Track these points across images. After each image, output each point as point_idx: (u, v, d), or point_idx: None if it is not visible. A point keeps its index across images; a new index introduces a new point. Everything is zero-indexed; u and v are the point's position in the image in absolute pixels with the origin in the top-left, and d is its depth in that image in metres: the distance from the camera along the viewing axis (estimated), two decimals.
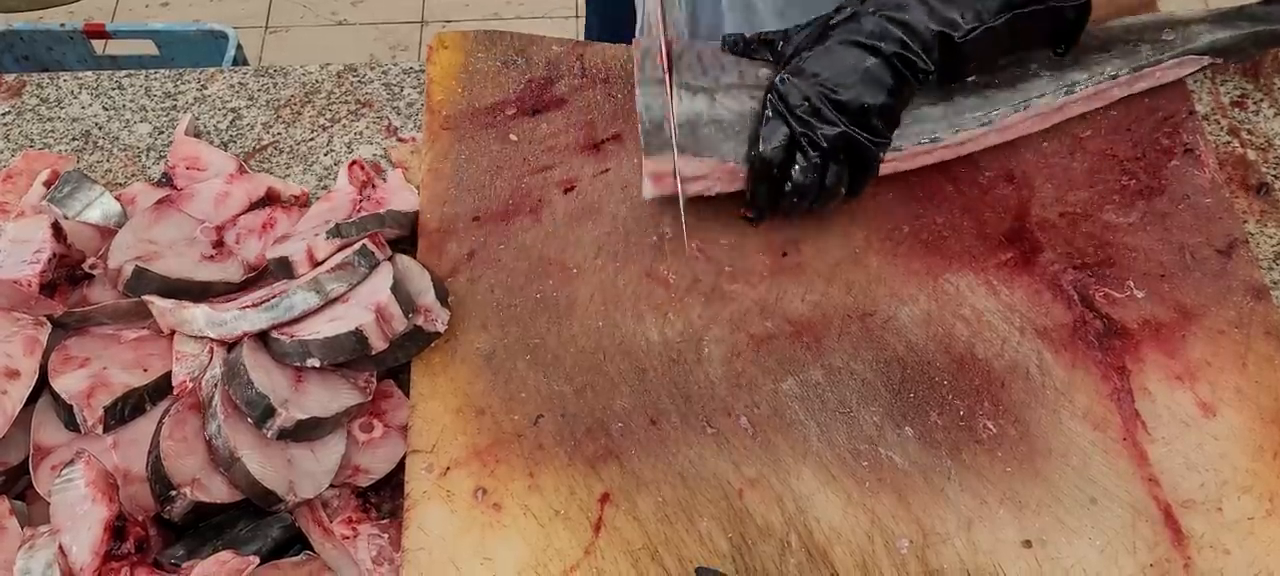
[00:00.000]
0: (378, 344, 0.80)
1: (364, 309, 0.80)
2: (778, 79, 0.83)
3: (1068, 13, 0.86)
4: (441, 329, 0.84)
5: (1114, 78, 0.91)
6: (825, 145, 0.81)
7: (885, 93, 0.81)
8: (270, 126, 1.05)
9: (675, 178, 0.84)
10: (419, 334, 0.83)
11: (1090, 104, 0.92)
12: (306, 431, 0.78)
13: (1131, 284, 0.85)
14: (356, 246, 0.84)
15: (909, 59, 0.81)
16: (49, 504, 0.74)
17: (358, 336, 0.79)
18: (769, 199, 0.84)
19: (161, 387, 0.81)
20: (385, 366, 0.83)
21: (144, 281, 0.84)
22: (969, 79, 0.88)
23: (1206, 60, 0.94)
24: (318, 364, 0.79)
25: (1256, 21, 0.94)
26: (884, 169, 0.86)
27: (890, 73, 0.81)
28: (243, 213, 0.92)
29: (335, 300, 0.82)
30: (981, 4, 0.82)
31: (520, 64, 1.00)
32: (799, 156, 0.81)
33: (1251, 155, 0.97)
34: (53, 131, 1.06)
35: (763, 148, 0.82)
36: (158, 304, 0.82)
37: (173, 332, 0.83)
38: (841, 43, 0.82)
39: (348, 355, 0.80)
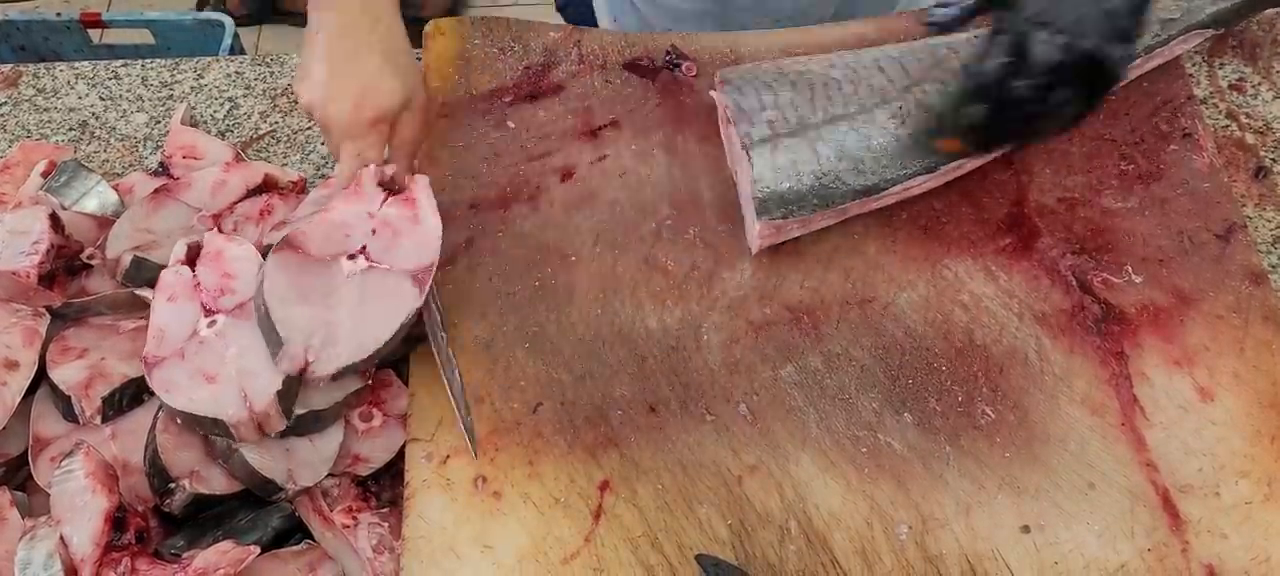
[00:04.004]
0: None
1: None
2: (1018, 12, 0.72)
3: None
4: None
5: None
6: (1057, 59, 0.70)
7: None
8: (267, 115, 1.05)
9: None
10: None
11: None
12: (308, 425, 0.78)
13: (1130, 269, 0.85)
14: None
15: None
16: (49, 495, 0.74)
17: None
18: (994, 125, 0.74)
19: None
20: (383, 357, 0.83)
21: (142, 271, 0.84)
22: None
23: (1209, 32, 0.94)
24: None
25: None
26: (901, 194, 0.84)
27: None
28: (240, 200, 0.92)
29: None
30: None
31: (517, 50, 1.00)
32: (1024, 73, 0.71)
33: (1250, 139, 0.97)
34: (49, 121, 1.06)
35: (985, 64, 0.72)
36: None
37: None
38: None
39: None
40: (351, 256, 0.79)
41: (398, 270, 0.78)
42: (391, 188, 0.80)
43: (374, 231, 0.79)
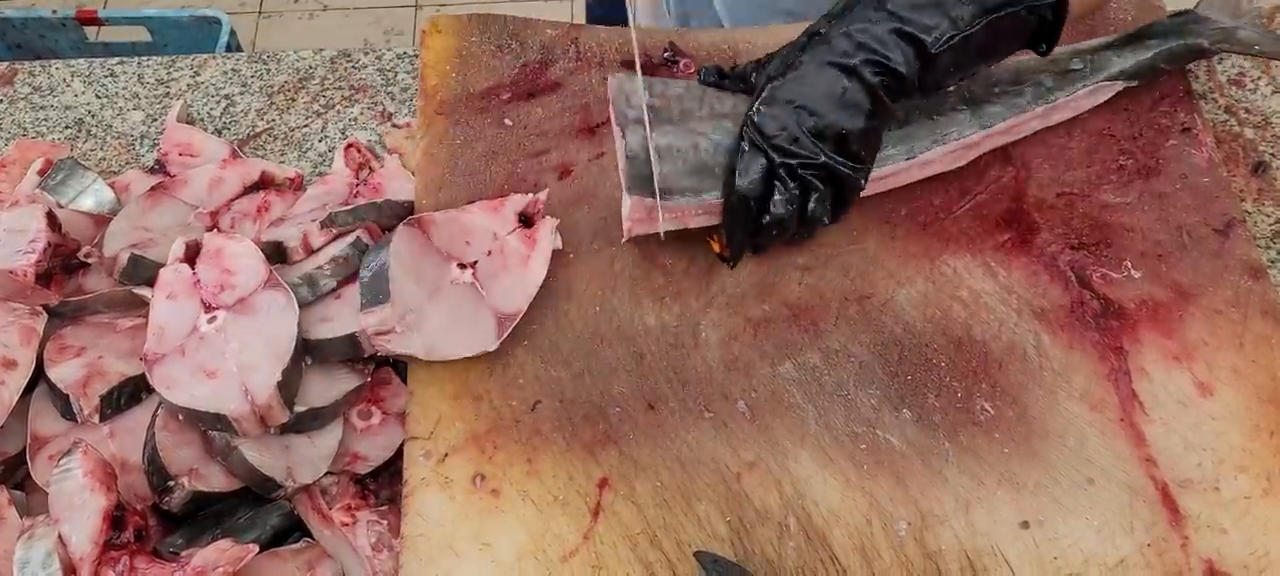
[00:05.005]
0: (371, 347, 0.79)
1: (357, 310, 0.79)
2: (752, 110, 0.79)
3: (1046, 12, 0.81)
4: None
5: (1029, 110, 0.89)
6: (805, 175, 0.78)
7: (863, 116, 0.78)
8: (264, 113, 1.05)
9: (659, 215, 0.81)
10: None
11: (1007, 137, 0.90)
12: (307, 423, 0.78)
13: (1129, 264, 0.85)
14: (350, 239, 0.83)
15: (885, 78, 0.78)
16: (47, 494, 0.74)
17: (351, 340, 0.79)
18: (748, 234, 0.81)
19: None
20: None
21: (140, 269, 0.84)
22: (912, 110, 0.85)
23: (1120, 85, 0.91)
24: (309, 361, 0.79)
25: (1166, 38, 0.92)
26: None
27: (866, 94, 0.77)
28: (237, 197, 0.92)
29: (327, 294, 0.82)
30: (956, 11, 0.78)
31: (514, 47, 1.00)
32: (778, 188, 0.78)
33: (1249, 133, 0.97)
34: (45, 120, 1.05)
35: (740, 182, 0.78)
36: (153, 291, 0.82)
37: None
38: (815, 66, 0.79)
39: (341, 356, 0.80)
40: (463, 266, 0.82)
41: (490, 307, 0.81)
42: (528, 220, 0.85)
43: (490, 253, 0.83)
